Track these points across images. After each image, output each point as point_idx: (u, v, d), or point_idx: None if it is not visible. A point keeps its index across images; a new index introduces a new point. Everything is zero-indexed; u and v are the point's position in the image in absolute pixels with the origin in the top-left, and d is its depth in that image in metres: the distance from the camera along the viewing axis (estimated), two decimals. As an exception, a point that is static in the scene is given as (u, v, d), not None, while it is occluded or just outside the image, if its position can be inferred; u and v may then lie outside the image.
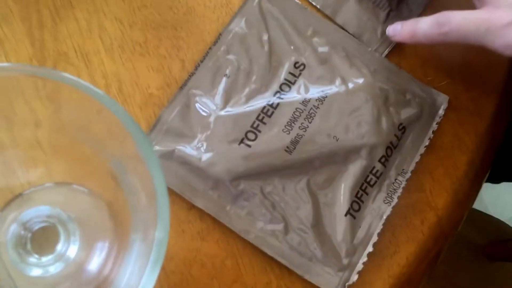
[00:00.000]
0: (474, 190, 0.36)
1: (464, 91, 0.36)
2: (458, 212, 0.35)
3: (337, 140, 0.31)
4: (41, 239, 0.27)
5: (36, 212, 0.27)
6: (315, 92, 0.33)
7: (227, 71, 0.33)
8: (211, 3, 0.35)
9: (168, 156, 0.31)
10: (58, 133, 0.25)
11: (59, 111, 0.24)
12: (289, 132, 0.31)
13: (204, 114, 0.32)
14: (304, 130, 0.32)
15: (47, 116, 0.25)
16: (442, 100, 0.35)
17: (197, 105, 0.32)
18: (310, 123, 0.32)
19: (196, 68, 0.33)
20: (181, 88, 0.33)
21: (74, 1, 0.34)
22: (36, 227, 0.27)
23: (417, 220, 0.33)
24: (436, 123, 0.35)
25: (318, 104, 0.32)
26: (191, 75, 0.33)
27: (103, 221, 0.28)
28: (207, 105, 0.32)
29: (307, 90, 0.33)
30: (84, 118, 0.23)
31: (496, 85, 0.36)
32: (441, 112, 0.35)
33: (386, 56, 0.35)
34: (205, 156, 0.31)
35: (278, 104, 0.32)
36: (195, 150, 0.31)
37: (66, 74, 0.21)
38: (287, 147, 0.31)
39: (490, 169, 0.36)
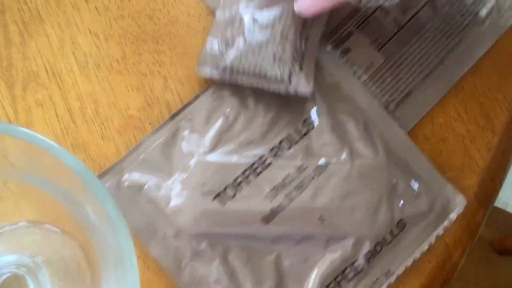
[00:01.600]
0: (483, 214, 0.33)
1: (477, 104, 0.33)
2: (467, 235, 0.32)
3: (322, 222, 0.28)
4: None
5: (3, 262, 0.24)
6: (315, 160, 0.29)
7: (228, 111, 0.29)
8: (196, 11, 0.32)
9: (137, 190, 0.28)
10: (18, 176, 0.22)
11: (8, 159, 0.21)
12: (272, 200, 0.28)
13: (187, 153, 0.29)
14: (289, 201, 0.28)
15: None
16: (458, 203, 0.30)
17: (183, 140, 0.29)
18: (299, 194, 0.28)
19: (196, 98, 0.30)
20: (173, 117, 0.29)
21: (43, 14, 0.31)
22: (4, 277, 0.25)
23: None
24: (444, 228, 0.30)
25: (314, 175, 0.29)
26: (188, 104, 0.30)
27: (77, 263, 0.26)
28: (194, 143, 0.29)
29: (308, 155, 0.29)
30: (35, 165, 0.21)
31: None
32: (453, 216, 0.30)
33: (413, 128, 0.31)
34: (174, 202, 0.28)
35: (270, 163, 0.29)
36: (166, 191, 0.28)
37: (9, 125, 0.18)
38: (265, 216, 0.28)
39: (500, 189, 0.33)
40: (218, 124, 0.29)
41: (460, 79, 0.33)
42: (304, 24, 0.29)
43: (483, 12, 0.33)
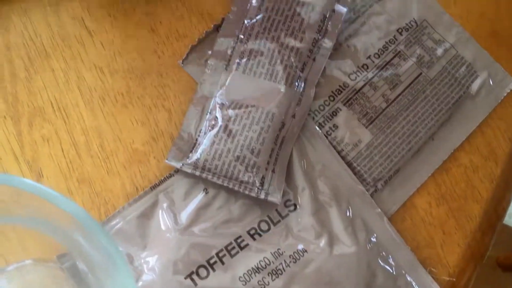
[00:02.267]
0: (488, 241, 0.33)
1: (480, 134, 0.33)
2: (471, 267, 0.32)
3: None
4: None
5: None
6: (293, 245, 0.28)
7: (208, 187, 0.29)
8: (199, 45, 0.32)
9: None
10: (25, 221, 0.23)
11: (17, 208, 0.22)
12: (245, 284, 0.27)
13: (163, 227, 0.28)
14: (262, 287, 0.28)
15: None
16: None
17: (161, 213, 0.29)
18: (272, 281, 0.27)
19: (178, 170, 0.30)
20: (152, 188, 0.29)
21: (49, 49, 0.31)
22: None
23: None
24: None
25: (290, 262, 0.28)
26: (169, 176, 0.29)
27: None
28: (171, 218, 0.28)
29: (286, 238, 0.29)
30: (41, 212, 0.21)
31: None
32: None
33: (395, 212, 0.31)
34: (145, 277, 0.27)
35: (247, 245, 0.28)
36: (139, 264, 0.27)
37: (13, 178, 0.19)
38: None
39: (503, 219, 0.33)
40: (197, 200, 0.29)
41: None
42: (281, 127, 0.29)
43: (475, 85, 0.33)
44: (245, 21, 0.31)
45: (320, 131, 0.31)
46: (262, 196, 0.28)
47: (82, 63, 0.31)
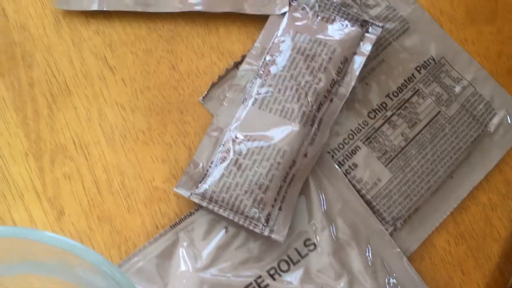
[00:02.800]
0: (507, 280, 0.33)
1: (498, 172, 0.33)
2: (490, 306, 0.32)
3: None
4: None
5: None
6: (313, 285, 0.28)
7: (228, 225, 0.29)
8: (220, 82, 0.32)
9: None
10: (46, 270, 0.23)
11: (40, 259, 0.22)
12: None
13: (183, 268, 0.28)
14: None
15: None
16: None
17: (181, 252, 0.29)
18: None
19: (198, 209, 0.30)
20: (173, 226, 0.29)
21: (71, 87, 0.31)
22: None
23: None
24: None
25: None
26: (189, 215, 0.30)
27: None
28: (191, 257, 0.28)
29: (305, 279, 0.29)
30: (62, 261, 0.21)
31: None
32: None
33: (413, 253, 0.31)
34: None
35: (267, 285, 0.28)
36: None
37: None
38: None
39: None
40: (217, 238, 0.29)
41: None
42: (291, 165, 0.29)
43: (493, 123, 0.33)
44: (267, 57, 0.31)
45: (339, 169, 0.31)
46: (266, 233, 0.28)
47: (104, 100, 0.31)
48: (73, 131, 0.31)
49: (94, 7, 0.32)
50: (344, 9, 0.32)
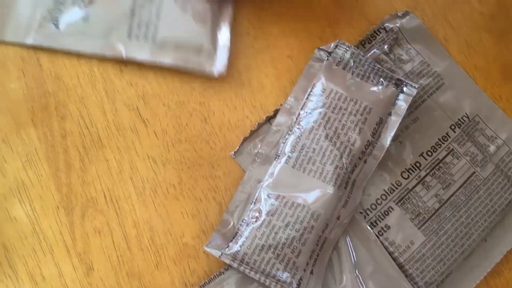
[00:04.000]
0: None
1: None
2: None
3: None
4: None
5: None
6: None
7: (259, 286, 0.29)
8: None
9: None
10: None
11: None
12: None
13: None
14: None
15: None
16: None
17: None
18: None
19: (227, 268, 0.29)
20: (202, 286, 0.29)
21: (104, 139, 0.31)
22: None
23: None
24: None
25: None
26: (219, 274, 0.29)
27: None
28: None
29: None
30: None
31: None
32: None
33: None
34: None
35: None
36: None
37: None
38: None
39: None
40: None
41: None
42: (324, 228, 0.29)
43: None
44: (300, 113, 0.31)
45: (372, 231, 0.30)
46: None
47: (136, 153, 0.31)
48: (104, 184, 0.31)
49: (29, 40, 0.31)
50: (378, 66, 0.32)
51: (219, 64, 0.32)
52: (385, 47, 0.34)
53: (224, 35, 0.32)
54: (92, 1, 0.31)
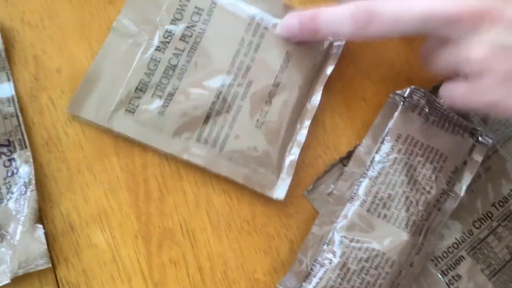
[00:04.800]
0: None
1: None
2: None
3: None
4: None
5: None
6: None
7: None
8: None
9: None
10: None
11: None
12: None
13: None
14: None
15: None
16: None
17: None
18: None
19: None
20: None
21: (182, 171, 0.32)
22: None
23: None
24: None
25: None
26: None
27: None
28: None
29: None
30: None
31: None
32: None
33: None
34: None
35: None
36: None
37: None
38: None
39: None
40: None
41: None
42: (398, 274, 0.29)
43: None
44: (376, 157, 0.32)
45: (443, 279, 0.31)
46: None
47: (212, 186, 0.32)
48: (181, 215, 0.31)
49: (102, 122, 0.31)
50: (453, 113, 0.32)
51: (279, 190, 0.31)
52: (458, 94, 0.34)
53: (292, 158, 0.31)
54: (173, 97, 0.31)
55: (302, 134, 0.32)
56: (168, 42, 0.31)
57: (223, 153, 0.31)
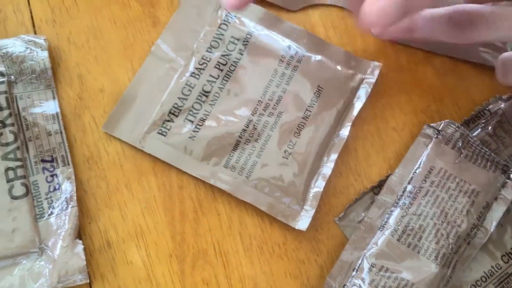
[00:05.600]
0: None
1: None
2: None
3: None
4: None
5: None
6: None
7: None
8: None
9: None
10: None
11: None
12: None
13: None
14: None
15: None
16: None
17: None
18: None
19: None
20: None
21: (216, 193, 0.33)
22: None
23: None
24: None
25: None
26: None
27: None
28: None
29: None
30: None
31: None
32: None
33: None
34: None
35: None
36: None
37: None
38: None
39: None
40: None
41: None
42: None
43: None
44: (407, 187, 0.32)
45: None
46: None
47: (245, 209, 0.33)
48: (215, 236, 0.32)
49: (135, 142, 0.32)
50: (486, 149, 0.33)
51: (302, 221, 0.31)
52: (489, 128, 0.35)
53: (316, 190, 0.32)
54: (204, 123, 0.32)
55: (328, 167, 0.32)
56: (203, 69, 0.32)
57: (249, 180, 0.31)
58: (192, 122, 0.32)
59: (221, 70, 0.33)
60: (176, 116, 0.32)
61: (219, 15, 0.34)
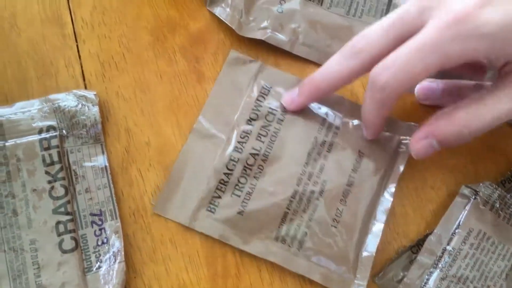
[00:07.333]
0: None
1: None
2: None
3: None
4: None
5: None
6: None
7: None
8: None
9: None
10: None
11: None
12: None
13: None
14: None
15: None
16: None
17: None
18: None
19: None
20: None
21: (259, 249, 0.33)
22: None
23: None
24: None
25: None
26: None
27: None
28: None
29: None
30: None
31: None
32: None
33: None
34: None
35: None
36: None
37: None
38: None
39: None
40: None
41: None
42: None
43: None
44: (447, 248, 0.33)
45: None
46: None
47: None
48: (256, 293, 0.33)
49: (184, 221, 0.33)
50: (523, 211, 0.33)
51: None
52: (525, 190, 0.35)
53: (367, 254, 0.32)
54: (251, 197, 0.32)
55: (376, 235, 0.33)
56: (245, 142, 0.33)
57: (300, 252, 0.32)
58: (239, 196, 0.32)
59: (263, 142, 0.33)
60: (223, 192, 0.32)
61: (255, 86, 0.35)
